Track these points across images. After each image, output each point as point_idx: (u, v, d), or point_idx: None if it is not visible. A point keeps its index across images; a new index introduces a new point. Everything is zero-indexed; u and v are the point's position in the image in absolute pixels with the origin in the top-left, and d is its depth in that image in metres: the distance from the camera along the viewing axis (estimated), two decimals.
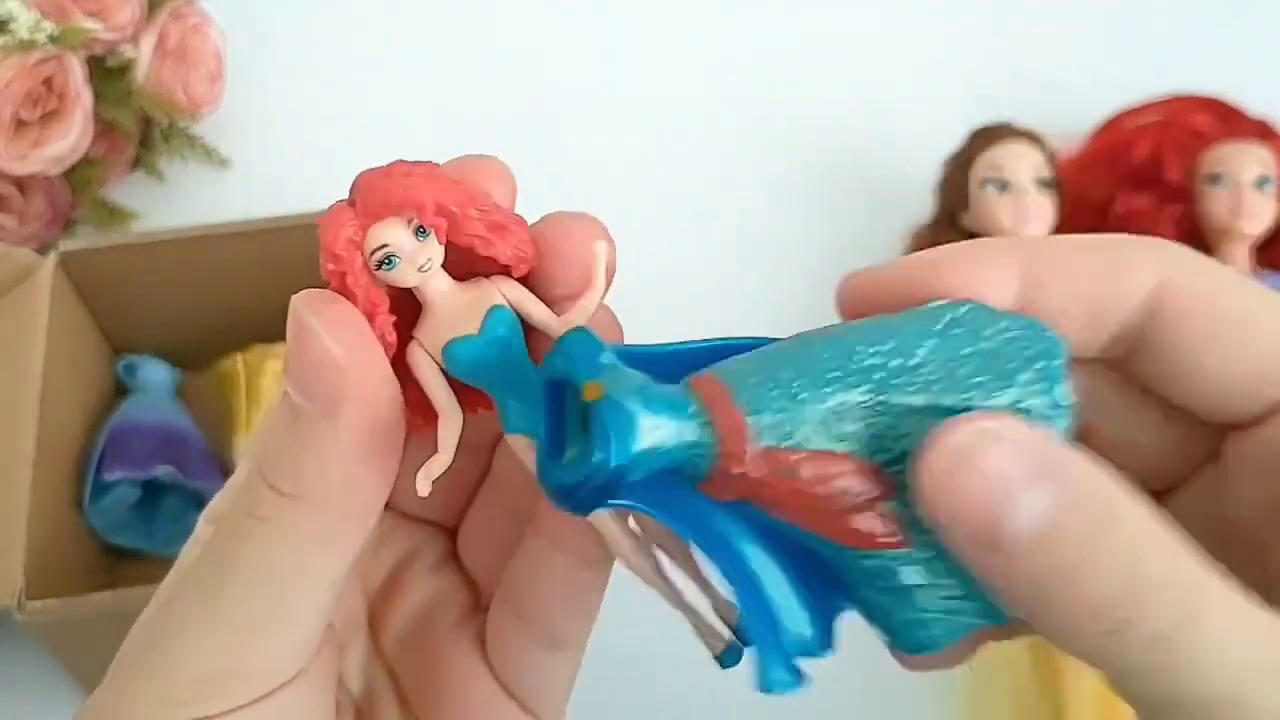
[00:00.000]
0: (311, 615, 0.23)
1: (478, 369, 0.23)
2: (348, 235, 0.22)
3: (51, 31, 0.60)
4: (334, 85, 0.75)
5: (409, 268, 0.22)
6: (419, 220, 0.22)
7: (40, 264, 0.54)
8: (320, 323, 0.21)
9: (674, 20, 0.79)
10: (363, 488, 0.22)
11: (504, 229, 0.23)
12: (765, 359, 0.22)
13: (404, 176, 0.22)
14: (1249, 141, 0.64)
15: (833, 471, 0.20)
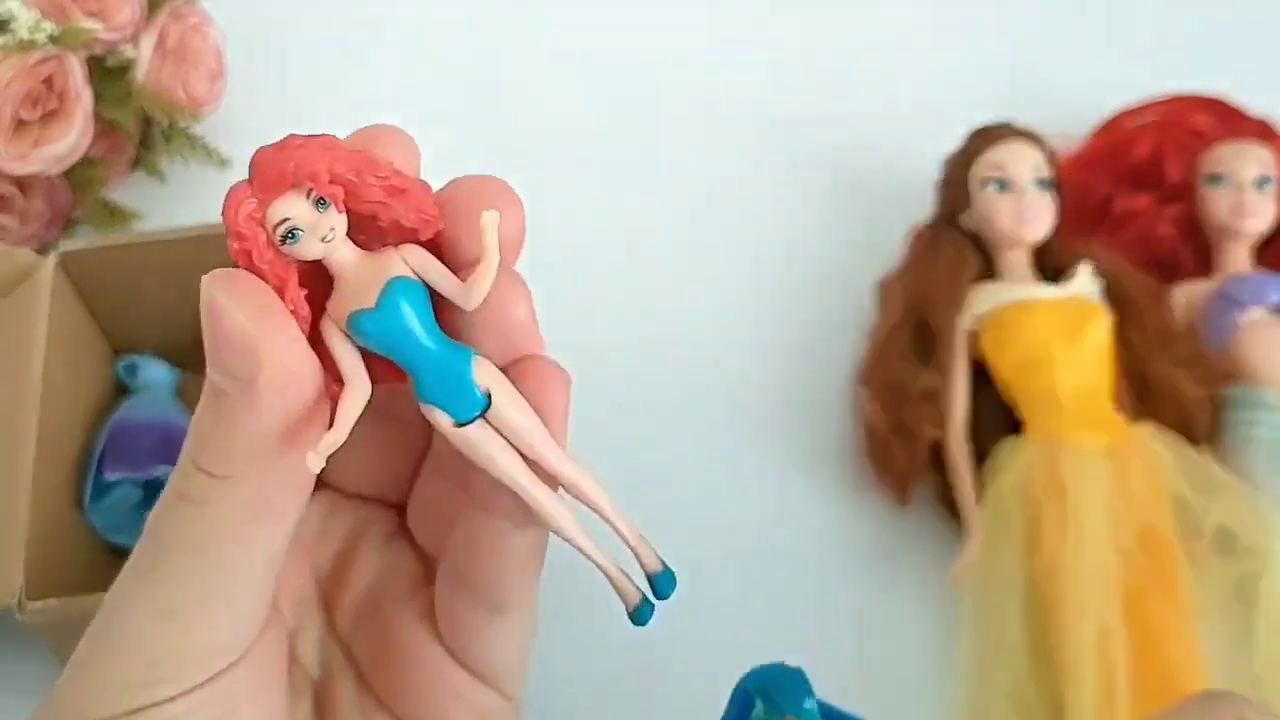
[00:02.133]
0: (250, 592, 0.23)
1: (382, 340, 0.23)
2: (248, 212, 0.22)
3: (51, 31, 0.60)
4: (334, 85, 0.75)
5: (312, 239, 0.22)
6: (316, 191, 0.22)
7: (40, 264, 0.54)
8: (229, 298, 0.22)
9: (674, 20, 0.79)
10: (287, 461, 0.22)
11: (404, 193, 0.23)
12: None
13: (297, 149, 0.22)
14: (1249, 141, 0.64)
15: None
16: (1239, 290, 0.61)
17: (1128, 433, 0.57)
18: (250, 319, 0.22)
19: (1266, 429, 0.58)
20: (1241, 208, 0.62)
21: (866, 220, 0.69)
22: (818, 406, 0.63)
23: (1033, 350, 0.58)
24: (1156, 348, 0.59)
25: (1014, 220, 0.60)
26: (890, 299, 0.63)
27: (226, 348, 0.22)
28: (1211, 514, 0.55)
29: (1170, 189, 0.65)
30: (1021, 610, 0.54)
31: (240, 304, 0.22)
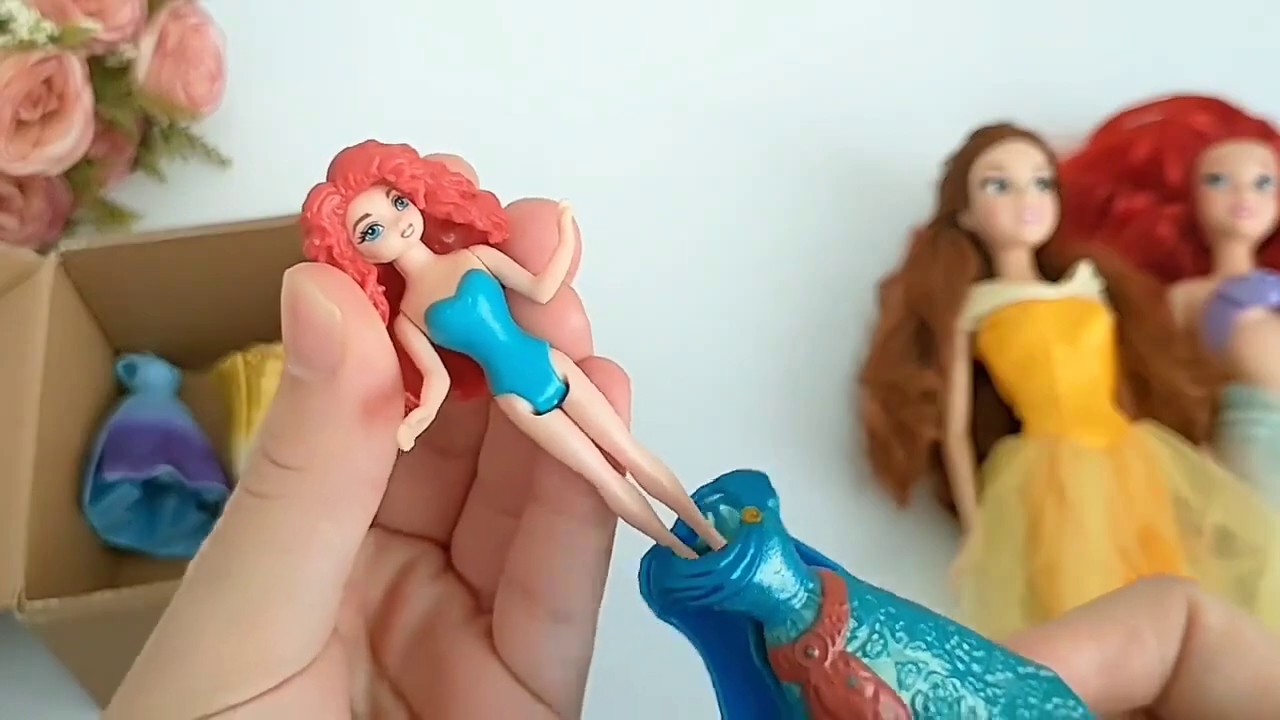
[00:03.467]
0: (318, 596, 0.23)
1: (461, 331, 0.23)
2: (331, 208, 0.22)
3: (51, 31, 0.60)
4: (334, 85, 0.75)
5: (392, 235, 0.22)
6: (399, 186, 0.22)
7: (40, 264, 0.54)
8: (318, 287, 0.22)
9: (673, 21, 0.79)
10: (364, 453, 0.22)
11: (475, 197, 0.23)
12: (883, 593, 0.23)
13: (380, 149, 0.23)
14: (1249, 141, 0.64)
15: (885, 704, 0.22)
16: (1238, 290, 0.61)
17: (1127, 432, 0.57)
18: (336, 306, 0.22)
19: (1265, 428, 0.58)
20: (1241, 207, 0.62)
21: (866, 220, 0.69)
22: (818, 406, 0.63)
23: (1032, 350, 0.58)
24: (1156, 347, 0.59)
25: (1014, 220, 0.60)
26: (890, 299, 0.63)
27: (310, 335, 0.22)
28: (1211, 513, 0.55)
29: (1170, 189, 0.65)
30: (1021, 609, 0.54)
31: (327, 292, 0.22)
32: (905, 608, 0.23)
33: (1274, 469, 0.57)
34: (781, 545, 0.22)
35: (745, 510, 0.23)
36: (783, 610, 0.22)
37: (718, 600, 0.22)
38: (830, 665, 0.22)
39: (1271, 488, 0.56)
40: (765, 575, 0.22)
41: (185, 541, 0.55)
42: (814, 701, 0.22)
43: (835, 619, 0.22)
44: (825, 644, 0.22)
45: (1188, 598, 0.26)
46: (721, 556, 0.22)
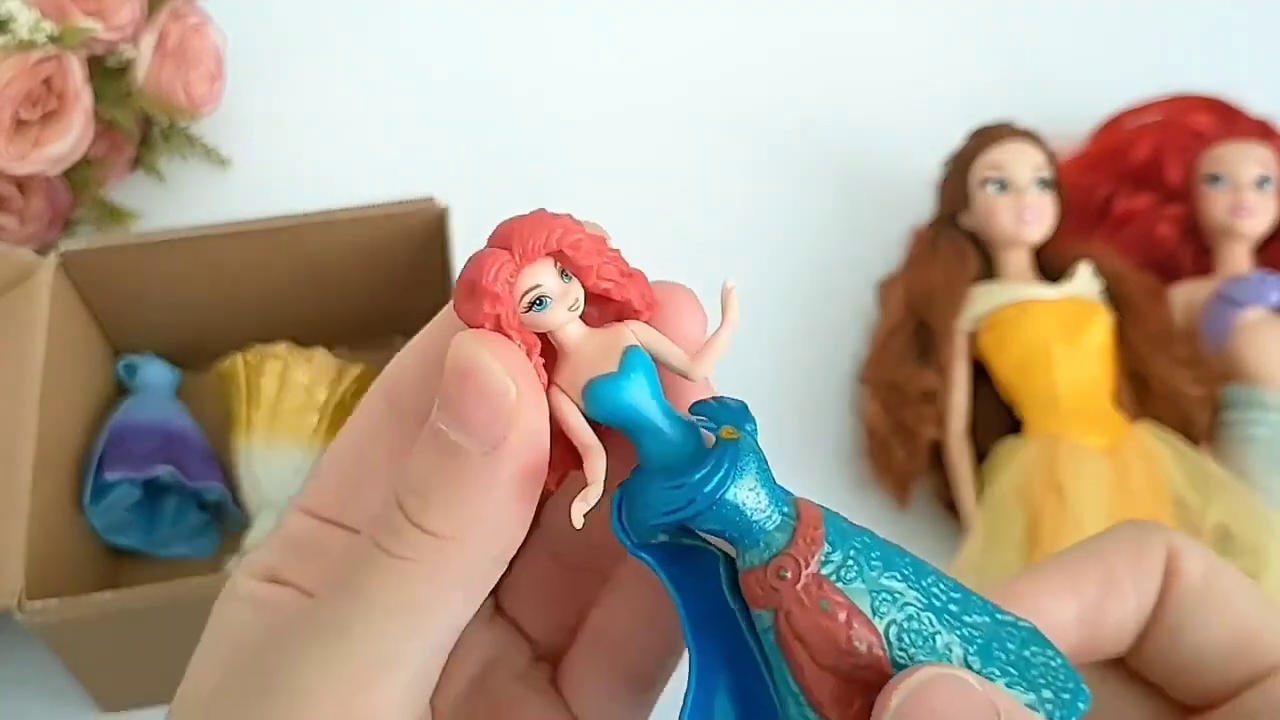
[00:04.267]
0: (432, 664, 0.23)
1: (619, 407, 0.23)
2: (506, 276, 0.22)
3: (51, 31, 0.60)
4: (334, 85, 0.75)
5: (559, 308, 0.22)
6: (575, 261, 0.22)
7: (40, 264, 0.54)
8: (495, 358, 0.21)
9: (674, 20, 0.79)
10: (510, 530, 0.22)
11: (633, 276, 0.23)
12: (861, 528, 0.23)
13: (553, 220, 0.22)
14: (1249, 141, 0.64)
15: (858, 631, 0.21)
16: (1238, 290, 0.61)
17: (1127, 432, 0.57)
18: (514, 381, 0.21)
19: (1265, 428, 0.58)
20: (1240, 207, 0.62)
21: (866, 220, 0.69)
22: (818, 406, 0.63)
23: (1032, 350, 0.58)
24: (1156, 347, 0.59)
25: (1014, 220, 0.60)
26: (890, 299, 0.63)
27: (480, 406, 0.21)
28: (1210, 513, 0.55)
29: (1170, 189, 0.65)
30: None
31: (505, 365, 0.21)
32: (882, 543, 0.23)
33: (1274, 469, 0.57)
34: (757, 465, 0.22)
35: (723, 429, 0.23)
36: (756, 531, 0.22)
37: (691, 516, 0.22)
38: (802, 587, 0.22)
39: (1271, 488, 0.56)
40: (739, 492, 0.22)
41: (185, 542, 0.56)
42: (785, 626, 0.22)
43: (809, 541, 0.22)
44: (798, 565, 0.22)
45: (1167, 545, 0.25)
46: (696, 470, 0.22)
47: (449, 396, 0.22)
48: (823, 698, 0.22)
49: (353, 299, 0.59)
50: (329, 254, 0.57)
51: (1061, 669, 0.23)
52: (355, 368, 0.57)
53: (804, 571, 0.22)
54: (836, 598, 0.22)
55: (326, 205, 0.56)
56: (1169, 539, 0.25)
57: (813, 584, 0.22)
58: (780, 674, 0.22)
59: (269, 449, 0.55)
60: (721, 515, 0.22)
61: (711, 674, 0.23)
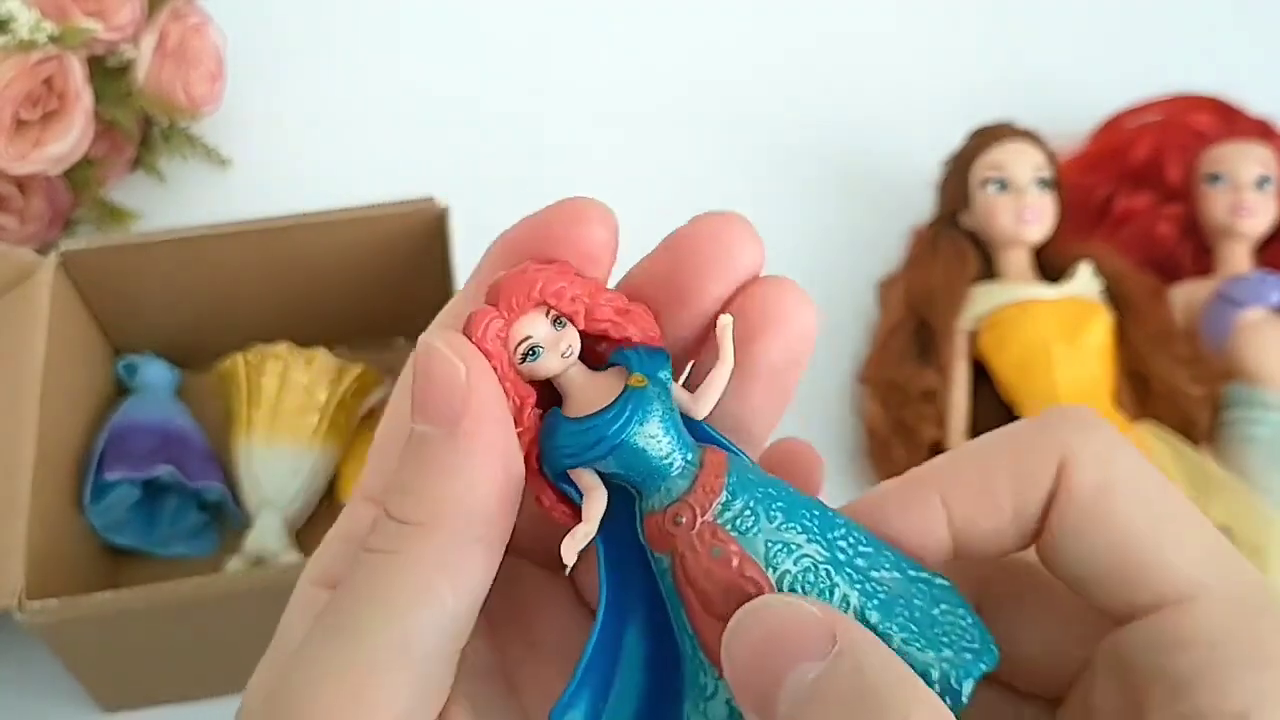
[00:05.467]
0: (433, 658, 0.22)
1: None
2: (495, 331, 0.23)
3: (51, 31, 0.60)
4: (334, 85, 0.75)
5: (552, 355, 0.23)
6: (560, 309, 0.23)
7: (40, 264, 0.54)
8: (446, 345, 0.22)
9: (674, 21, 0.79)
10: (485, 509, 0.22)
11: (629, 313, 0.24)
12: (775, 480, 0.24)
13: (538, 272, 0.23)
14: (1249, 141, 0.64)
15: (747, 578, 0.22)
16: (1238, 290, 0.61)
17: (1128, 432, 0.57)
18: (462, 361, 0.22)
19: (1265, 428, 0.58)
20: (1241, 207, 0.62)
21: (866, 220, 0.69)
22: (819, 406, 0.63)
23: (1032, 350, 0.58)
24: (1156, 347, 0.59)
25: (1014, 220, 0.60)
26: (890, 299, 0.63)
27: (435, 389, 0.22)
28: (1211, 513, 0.55)
29: (1170, 189, 0.65)
30: None
31: (454, 349, 0.23)
32: (793, 495, 0.23)
33: (1274, 469, 0.57)
34: (663, 412, 0.23)
35: (633, 376, 0.23)
36: (658, 476, 0.23)
37: (594, 459, 0.23)
38: (696, 534, 0.22)
39: (1271, 488, 0.56)
40: (641, 436, 0.23)
41: (185, 541, 0.55)
42: (679, 570, 0.22)
43: (707, 490, 0.23)
44: (694, 512, 0.22)
45: (1062, 452, 0.23)
46: (602, 414, 0.23)
47: (414, 392, 0.23)
48: (712, 641, 0.22)
49: (353, 299, 0.59)
50: (329, 254, 0.57)
51: (971, 627, 0.23)
52: (355, 368, 0.57)
53: (699, 519, 0.22)
54: (730, 546, 0.22)
55: (326, 205, 0.56)
56: (1066, 444, 0.23)
57: (706, 530, 0.22)
58: (677, 615, 0.23)
59: (269, 449, 0.55)
60: (623, 459, 0.23)
61: (622, 608, 0.24)
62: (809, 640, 0.21)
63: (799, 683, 0.21)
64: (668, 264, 0.25)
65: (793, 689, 0.21)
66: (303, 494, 0.55)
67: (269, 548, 0.53)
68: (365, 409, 0.58)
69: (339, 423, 0.56)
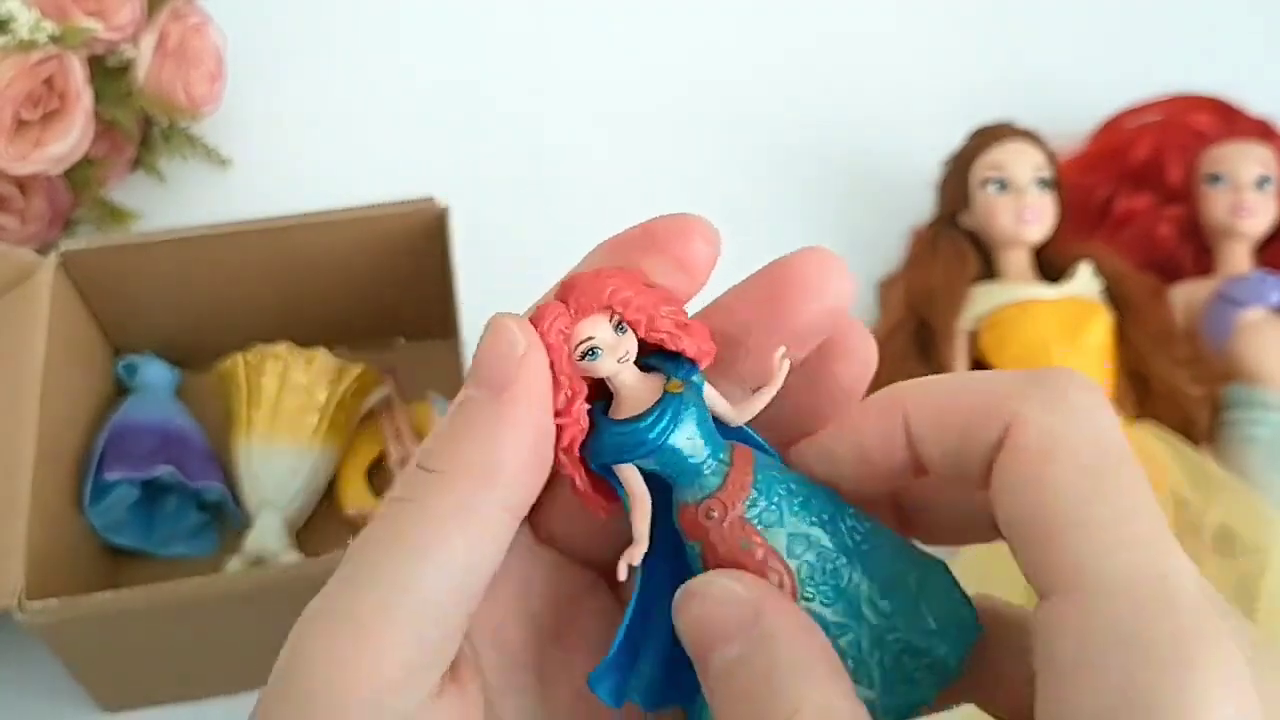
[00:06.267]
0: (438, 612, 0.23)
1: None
2: (560, 327, 0.25)
3: (52, 31, 0.60)
4: (334, 85, 0.75)
5: (609, 358, 0.25)
6: (625, 317, 0.25)
7: (40, 264, 0.54)
8: (514, 322, 0.24)
9: (674, 21, 0.79)
10: (508, 471, 0.23)
11: (689, 327, 0.26)
12: (792, 474, 0.26)
13: (610, 278, 0.25)
14: (1249, 141, 0.64)
15: (773, 569, 0.24)
16: (1238, 290, 0.61)
17: (1128, 432, 0.57)
18: (526, 339, 0.24)
19: (1265, 428, 0.58)
20: (1241, 207, 0.62)
21: (866, 220, 0.69)
22: None
23: (1032, 350, 0.58)
24: (1156, 347, 0.59)
25: (1014, 220, 0.60)
26: (890, 299, 0.63)
27: (494, 358, 0.24)
28: (1211, 513, 0.55)
29: (1170, 189, 0.65)
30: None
31: (521, 329, 0.24)
32: (808, 488, 0.26)
33: (1274, 469, 0.57)
34: (697, 415, 0.25)
35: (670, 382, 0.25)
36: (692, 474, 0.25)
37: (636, 459, 0.25)
38: (727, 527, 0.25)
39: (1271, 487, 0.56)
40: (678, 439, 0.25)
41: (185, 541, 0.55)
42: (710, 559, 0.25)
43: (737, 488, 0.25)
44: (725, 508, 0.25)
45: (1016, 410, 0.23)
46: (643, 418, 0.25)
47: (474, 359, 0.24)
48: None
49: (353, 299, 0.59)
50: (329, 254, 0.57)
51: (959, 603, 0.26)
52: (355, 368, 0.57)
53: (730, 514, 0.25)
54: (756, 539, 0.24)
55: (326, 205, 0.56)
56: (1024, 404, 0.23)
57: (736, 525, 0.25)
58: None
59: (269, 449, 0.55)
60: (663, 459, 0.25)
61: (653, 587, 0.26)
62: (733, 621, 0.23)
63: (721, 660, 0.23)
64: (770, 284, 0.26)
65: (715, 665, 0.23)
66: (303, 494, 0.55)
67: (269, 548, 0.53)
68: (365, 409, 0.58)
69: (339, 423, 0.56)
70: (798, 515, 0.25)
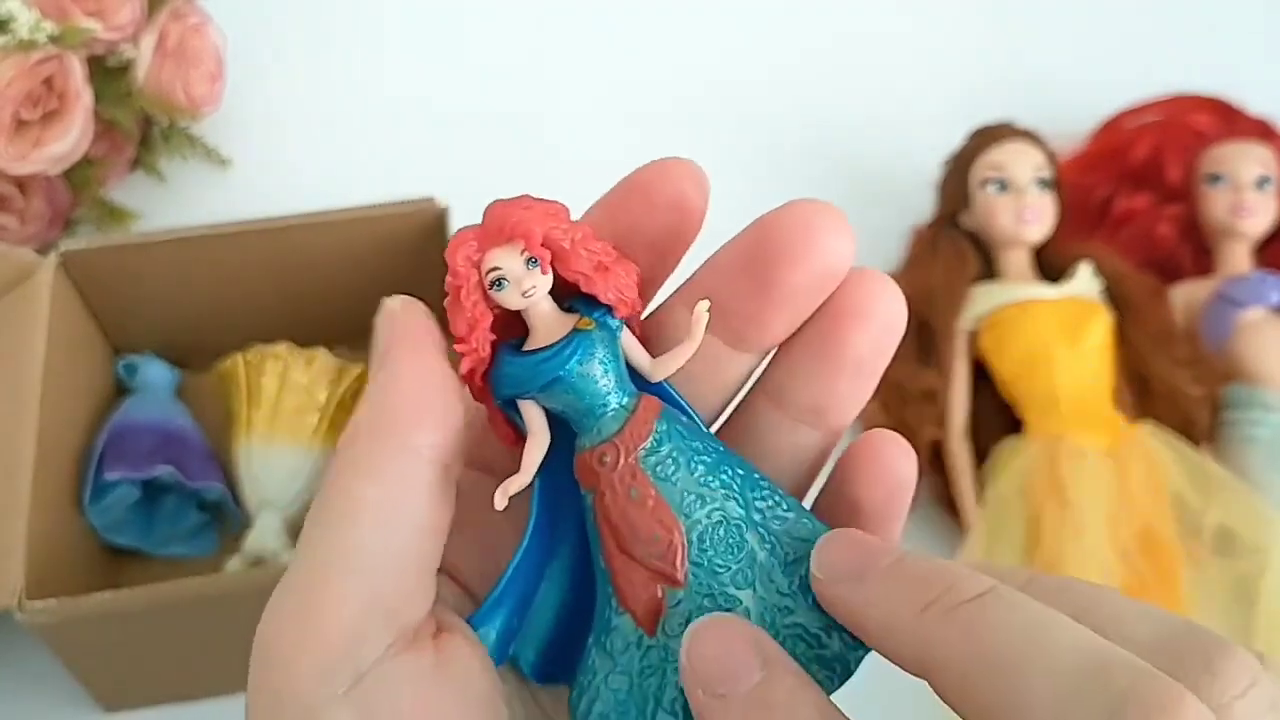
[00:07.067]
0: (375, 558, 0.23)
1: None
2: (466, 254, 0.24)
3: (51, 31, 0.60)
4: (334, 85, 0.75)
5: (514, 291, 0.24)
6: (528, 250, 0.24)
7: (40, 264, 0.54)
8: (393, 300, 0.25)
9: (673, 21, 0.79)
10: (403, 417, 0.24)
11: (608, 271, 0.25)
12: (707, 434, 0.25)
13: (524, 209, 0.24)
14: (1249, 141, 0.64)
15: (660, 522, 0.23)
16: (1238, 290, 0.61)
17: (1128, 433, 0.57)
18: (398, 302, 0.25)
19: (1265, 428, 0.58)
20: (1240, 207, 0.62)
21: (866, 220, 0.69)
22: None
23: (1032, 350, 0.58)
24: (1156, 347, 0.59)
25: (1014, 220, 0.60)
26: None
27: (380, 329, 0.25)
28: (1211, 513, 0.55)
29: (1170, 189, 0.66)
30: None
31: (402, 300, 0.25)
32: (723, 454, 0.24)
33: (1274, 469, 0.57)
34: (603, 356, 0.24)
35: (582, 319, 0.24)
36: (592, 416, 0.24)
37: (533, 388, 0.24)
38: (618, 474, 0.23)
39: (1271, 488, 0.56)
40: (576, 376, 0.24)
41: (185, 541, 0.55)
42: (599, 509, 0.24)
43: (635, 435, 0.24)
44: (618, 453, 0.24)
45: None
46: (543, 351, 0.24)
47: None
48: (621, 581, 0.23)
49: (353, 299, 0.59)
50: (329, 254, 0.57)
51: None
52: (355, 368, 0.57)
53: (622, 460, 0.23)
54: (648, 490, 0.23)
55: (326, 205, 0.56)
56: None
57: (627, 472, 0.23)
58: (595, 551, 0.24)
59: (269, 449, 0.55)
60: (558, 395, 0.24)
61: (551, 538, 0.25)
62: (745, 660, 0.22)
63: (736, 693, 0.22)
64: (753, 245, 0.26)
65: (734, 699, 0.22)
66: (302, 494, 0.55)
67: (269, 548, 0.53)
68: None
69: (339, 423, 0.56)
70: (698, 473, 0.24)
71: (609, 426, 0.24)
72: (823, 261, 0.25)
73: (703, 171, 0.27)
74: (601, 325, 0.24)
